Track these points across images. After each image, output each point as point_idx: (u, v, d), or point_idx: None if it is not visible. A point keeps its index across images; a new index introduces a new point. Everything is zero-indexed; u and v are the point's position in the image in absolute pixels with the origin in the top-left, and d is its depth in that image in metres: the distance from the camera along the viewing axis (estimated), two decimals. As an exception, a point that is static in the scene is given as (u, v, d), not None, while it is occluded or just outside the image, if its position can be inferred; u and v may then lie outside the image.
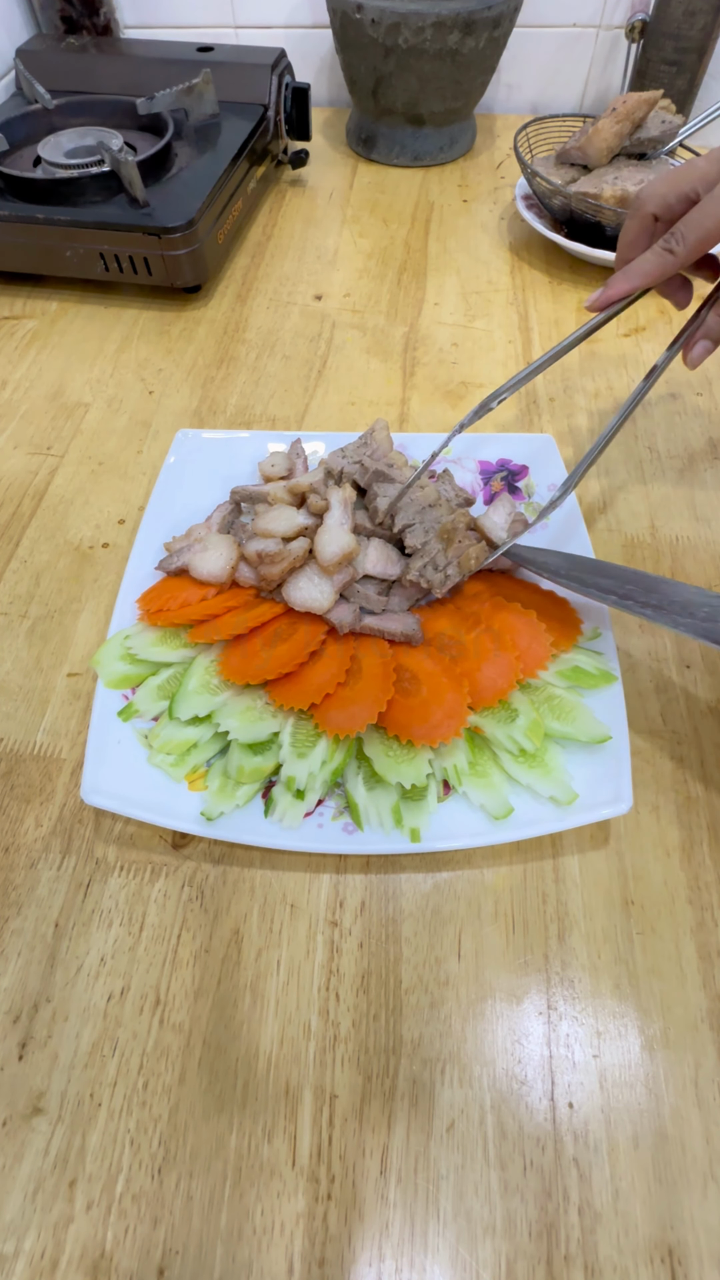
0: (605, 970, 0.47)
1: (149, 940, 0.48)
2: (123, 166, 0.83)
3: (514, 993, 0.46)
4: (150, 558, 0.62)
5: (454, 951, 0.47)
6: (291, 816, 0.50)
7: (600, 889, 0.50)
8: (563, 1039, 0.45)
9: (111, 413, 0.79)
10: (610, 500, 0.71)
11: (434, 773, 0.51)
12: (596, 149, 0.91)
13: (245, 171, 0.96)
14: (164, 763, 0.52)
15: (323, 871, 0.51)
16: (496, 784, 0.51)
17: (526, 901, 0.49)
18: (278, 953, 0.47)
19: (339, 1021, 0.45)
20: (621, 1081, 0.43)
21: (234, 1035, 0.45)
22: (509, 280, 0.95)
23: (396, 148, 1.14)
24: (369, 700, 0.52)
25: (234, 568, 0.59)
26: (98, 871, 0.50)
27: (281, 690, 0.53)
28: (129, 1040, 0.45)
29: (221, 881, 0.50)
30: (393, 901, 0.49)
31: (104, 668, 0.55)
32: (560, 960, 0.47)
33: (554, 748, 0.53)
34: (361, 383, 0.82)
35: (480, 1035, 0.45)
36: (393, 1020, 0.45)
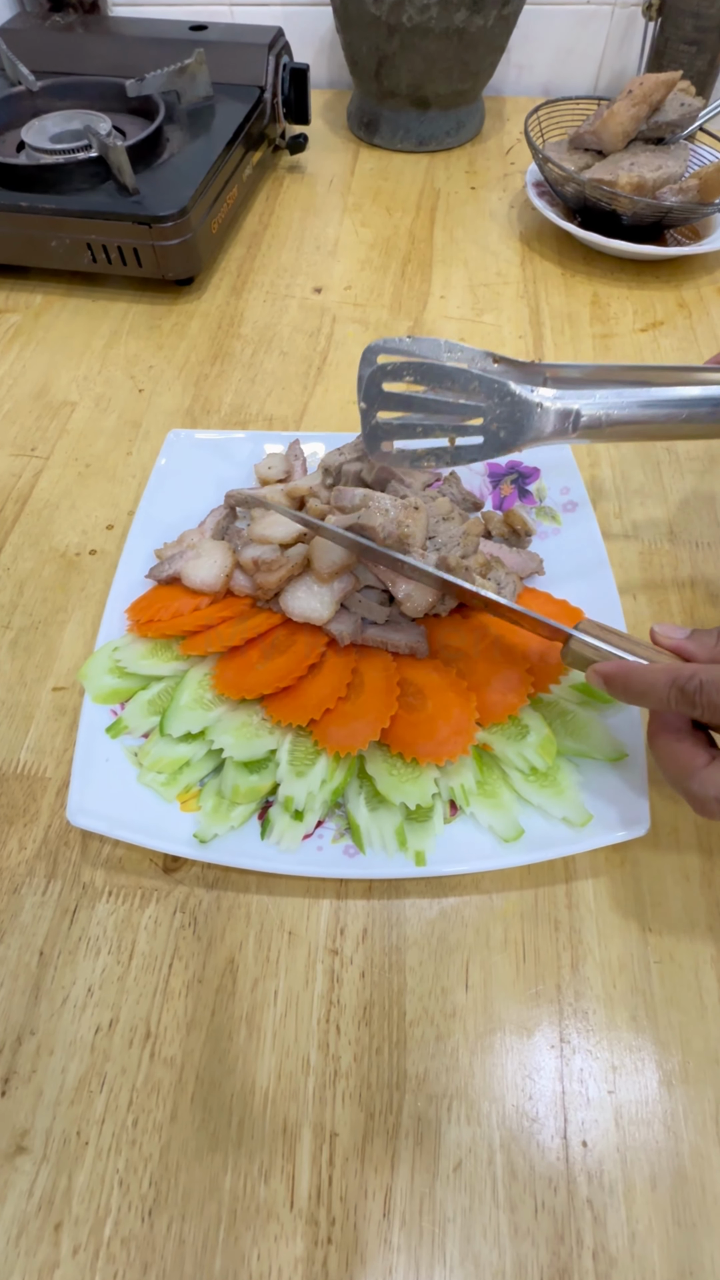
0: (621, 1001, 0.47)
1: (139, 970, 0.49)
2: (111, 152, 0.84)
3: (524, 1025, 0.47)
4: (140, 565, 0.63)
5: (461, 981, 0.48)
6: (289, 839, 0.50)
7: (616, 915, 0.50)
8: (576, 1074, 0.45)
9: (99, 412, 0.80)
10: (627, 504, 0.72)
11: (440, 792, 0.52)
12: (612, 133, 0.93)
13: (241, 157, 0.98)
14: (155, 782, 0.53)
15: (322, 897, 0.51)
16: (506, 804, 0.52)
17: (538, 928, 0.50)
18: (275, 983, 0.48)
19: (339, 1055, 0.46)
20: (638, 1119, 0.44)
21: (229, 1070, 0.45)
22: (519, 272, 0.96)
23: (400, 132, 1.15)
24: (371, 716, 0.53)
25: (229, 576, 0.60)
26: (85, 897, 0.51)
27: (279, 705, 0.54)
28: (118, 1075, 0.45)
29: (215, 907, 0.51)
30: (396, 928, 0.50)
31: (91, 681, 0.56)
32: (573, 990, 0.48)
33: (567, 766, 0.53)
34: (363, 380, 0.83)
35: (489, 1070, 0.45)
36: (396, 1054, 0.46)
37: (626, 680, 0.46)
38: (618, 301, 0.92)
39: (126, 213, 0.84)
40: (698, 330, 0.88)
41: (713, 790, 0.43)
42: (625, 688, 0.46)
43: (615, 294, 0.93)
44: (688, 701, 0.43)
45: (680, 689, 0.43)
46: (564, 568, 0.63)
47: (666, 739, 0.45)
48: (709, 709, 0.43)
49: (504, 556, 0.62)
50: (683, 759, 0.44)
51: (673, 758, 0.45)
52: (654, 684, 0.45)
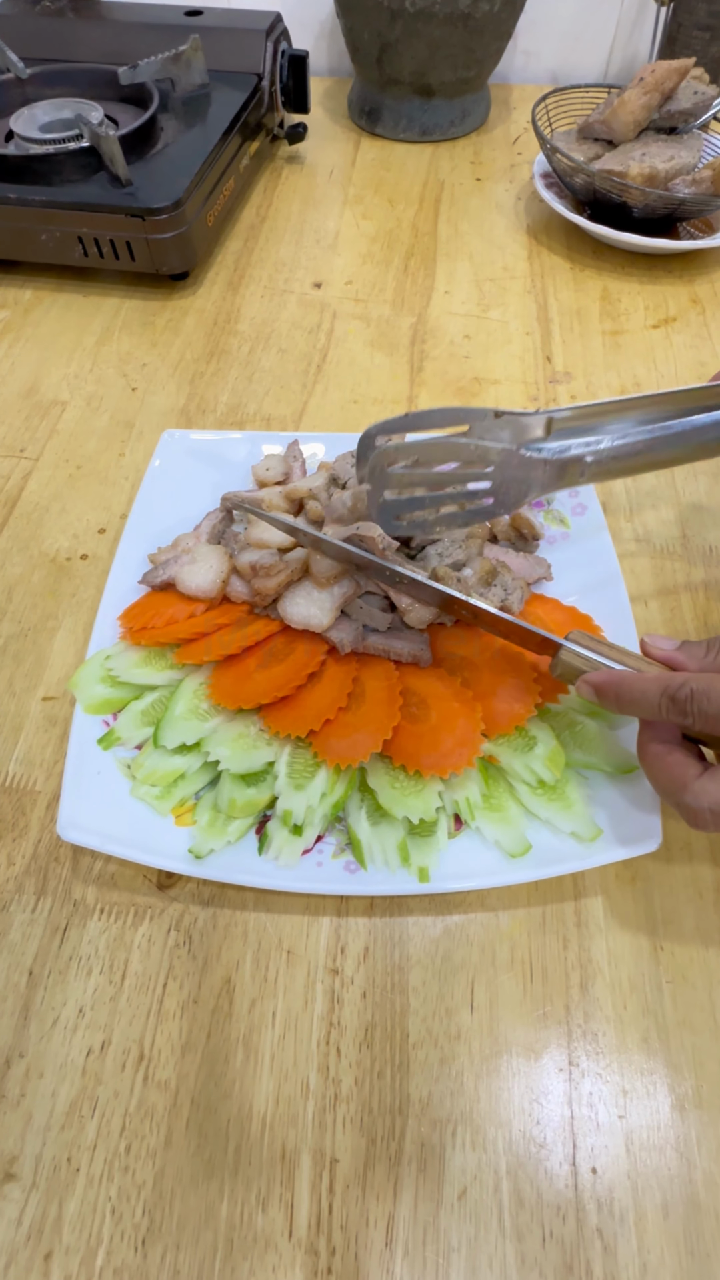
0: (632, 1023, 0.48)
1: (132, 990, 0.49)
2: (103, 141, 0.85)
3: (532, 1047, 0.47)
4: (133, 570, 0.63)
5: (466, 1002, 0.48)
6: (288, 854, 0.51)
7: (627, 934, 0.51)
8: (585, 1098, 0.46)
9: (91, 411, 0.81)
10: (637, 508, 0.72)
11: (444, 806, 0.53)
12: (622, 122, 0.93)
13: (237, 147, 0.99)
14: (148, 795, 0.53)
15: (322, 914, 0.52)
16: (513, 818, 0.52)
17: (546, 947, 0.50)
18: (273, 1003, 0.49)
19: (340, 1079, 0.46)
20: (650, 1145, 0.44)
21: (225, 1094, 0.46)
22: (526, 266, 0.97)
23: (403, 121, 1.16)
24: (373, 726, 0.53)
25: (225, 581, 0.60)
26: (76, 914, 0.52)
27: (277, 716, 0.54)
28: (110, 1099, 0.46)
29: (211, 925, 0.51)
30: (399, 947, 0.50)
31: (82, 691, 0.57)
32: (583, 1012, 0.48)
33: (576, 779, 0.54)
34: (365, 379, 0.84)
35: (495, 1094, 0.46)
36: (399, 1077, 0.46)
37: (618, 689, 0.47)
38: (628, 297, 0.92)
39: (119, 205, 0.85)
40: (711, 327, 0.89)
41: (707, 801, 0.43)
42: (617, 697, 0.47)
43: (626, 289, 0.93)
44: (679, 710, 0.44)
45: (671, 697, 0.44)
46: (573, 573, 0.64)
47: (657, 750, 0.46)
48: (700, 717, 0.43)
49: (511, 562, 0.62)
50: (675, 771, 0.45)
51: (664, 770, 0.46)
52: (645, 692, 0.45)
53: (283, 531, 0.59)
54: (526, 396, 0.81)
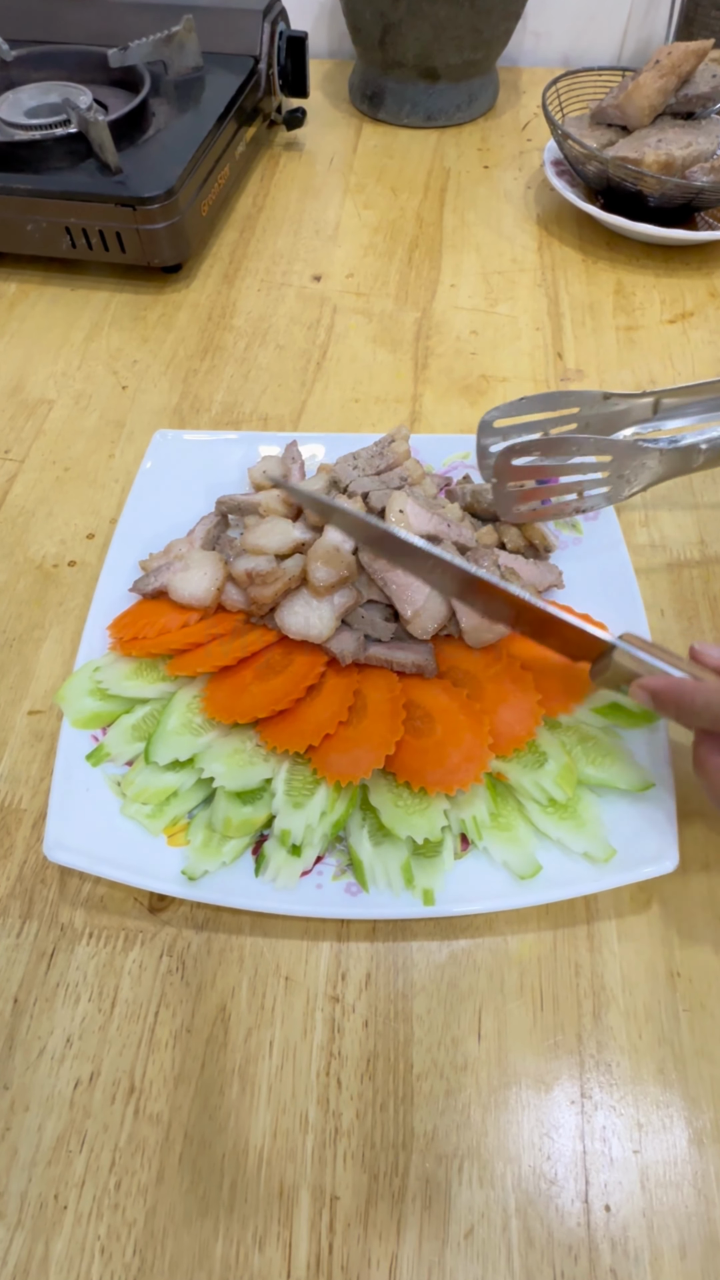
0: (647, 1053, 0.48)
1: (122, 1018, 0.49)
2: (92, 127, 0.86)
3: (542, 1079, 0.48)
4: (124, 578, 0.64)
5: (473, 1031, 0.49)
6: (286, 875, 0.51)
7: (642, 959, 0.51)
8: (598, 1132, 0.46)
9: (79, 411, 0.82)
10: (653, 513, 0.73)
11: (450, 825, 0.53)
12: (637, 107, 0.94)
13: (233, 133, 1.00)
14: (139, 814, 0.54)
15: (322, 939, 0.52)
16: (522, 838, 0.53)
17: (557, 973, 0.51)
18: (270, 1032, 0.49)
19: (341, 1112, 0.47)
20: (666, 1181, 0.45)
21: (220, 1127, 0.46)
22: (536, 258, 0.98)
23: (407, 106, 1.17)
24: (375, 741, 0.53)
25: (220, 589, 0.61)
26: (63, 939, 0.52)
27: (275, 730, 0.55)
28: (99, 1133, 0.46)
29: (205, 950, 0.52)
30: (403, 973, 0.51)
31: (70, 704, 0.57)
32: (596, 1041, 0.49)
33: (588, 797, 0.54)
34: (366, 376, 0.85)
35: (503, 1127, 0.46)
36: (403, 1110, 0.47)
37: (679, 697, 0.47)
38: (644, 290, 0.93)
39: (109, 194, 0.85)
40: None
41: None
42: (677, 705, 0.47)
43: (641, 282, 0.94)
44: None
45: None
46: (585, 581, 0.64)
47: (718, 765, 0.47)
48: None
49: (520, 568, 0.63)
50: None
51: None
52: (710, 703, 0.46)
53: (312, 510, 0.61)
54: (538, 393, 0.82)
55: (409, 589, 0.58)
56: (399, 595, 0.58)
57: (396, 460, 0.66)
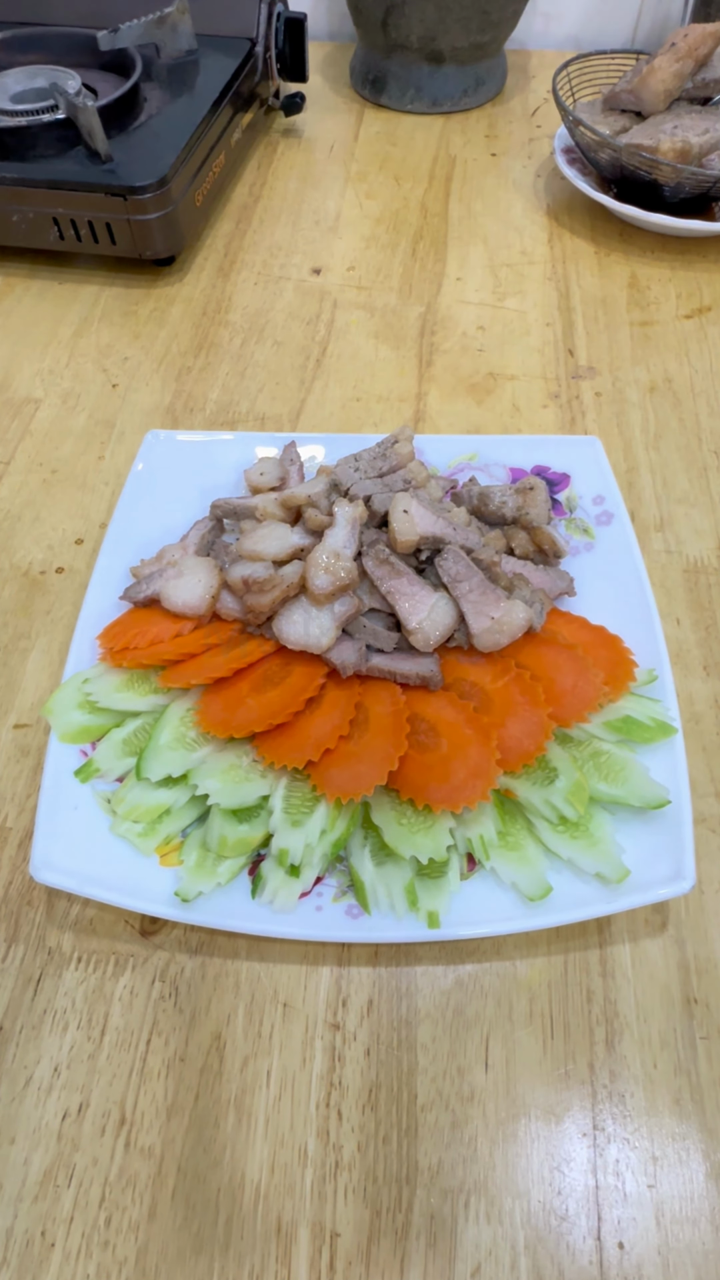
0: (663, 1083, 0.49)
1: (112, 1047, 0.50)
2: (81, 113, 0.86)
3: (553, 1110, 0.48)
4: (114, 585, 0.64)
5: (480, 1060, 0.49)
6: (284, 897, 0.51)
7: (657, 984, 0.52)
8: (611, 1166, 0.46)
9: (67, 410, 0.82)
10: (669, 516, 0.73)
11: (456, 844, 0.53)
12: (652, 92, 0.95)
13: (228, 120, 1.00)
14: (130, 832, 0.54)
15: (322, 964, 0.53)
16: (532, 858, 0.53)
17: (568, 1000, 0.51)
18: (268, 1061, 0.49)
19: (341, 1144, 0.47)
20: (683, 1217, 0.45)
21: (215, 1161, 0.46)
22: (546, 250, 0.99)
23: (411, 91, 1.18)
24: (377, 757, 0.54)
25: (214, 597, 0.61)
26: (51, 964, 0.52)
27: (272, 745, 0.55)
28: (88, 1167, 0.46)
29: (200, 976, 0.52)
30: (406, 1000, 0.51)
31: (58, 718, 0.58)
32: (609, 1071, 0.49)
33: (601, 814, 0.55)
34: (368, 374, 0.85)
35: (512, 1161, 0.46)
36: (406, 1143, 0.47)
37: None
38: (659, 284, 0.94)
39: (98, 183, 0.86)
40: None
41: None
42: None
43: (656, 276, 0.95)
44: None
45: None
46: (598, 588, 0.65)
47: None
48: None
49: (529, 575, 0.63)
50: None
51: None
52: None
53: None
54: (547, 393, 0.83)
55: (413, 598, 0.58)
56: (403, 604, 0.58)
57: (400, 462, 0.67)
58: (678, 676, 0.63)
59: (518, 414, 0.81)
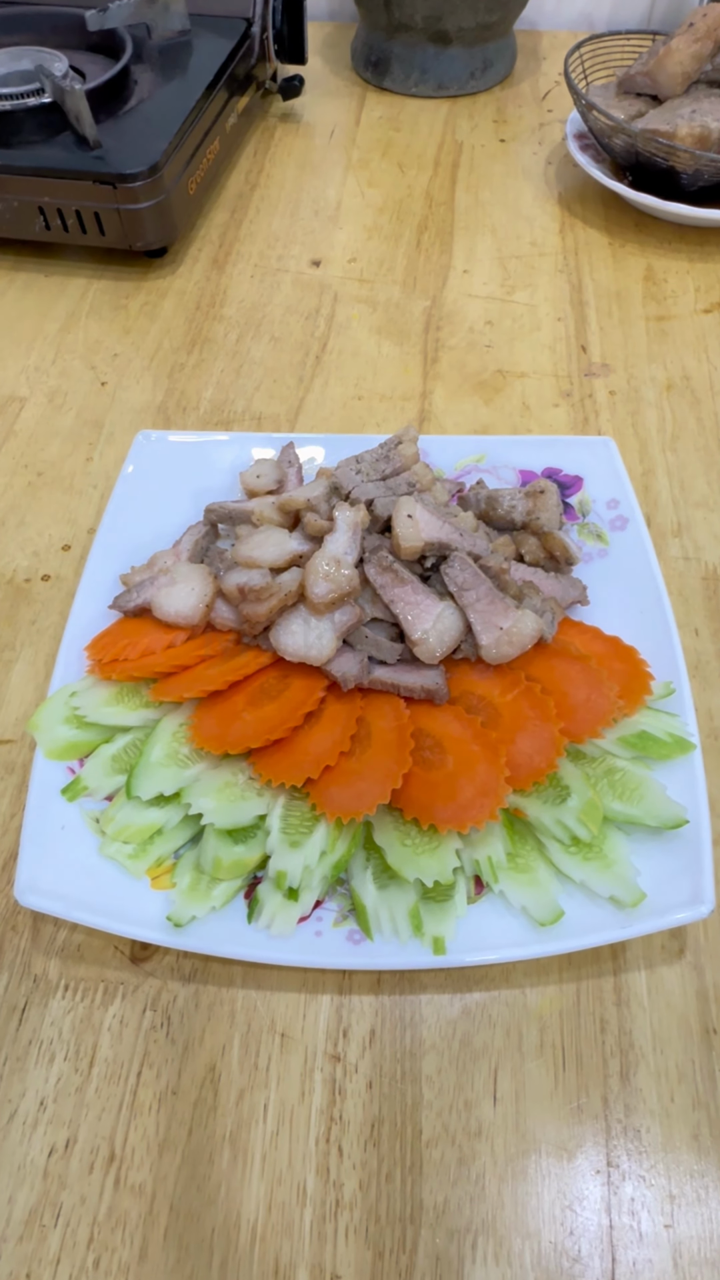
0: (680, 1117, 0.49)
1: (101, 1079, 0.50)
2: (68, 97, 0.87)
3: (564, 1146, 0.48)
4: (103, 593, 0.65)
5: (488, 1093, 0.49)
6: (282, 922, 0.52)
7: (674, 1013, 0.52)
8: (626, 1204, 0.46)
9: (54, 409, 0.83)
10: (687, 520, 0.74)
11: (463, 866, 0.54)
12: (669, 75, 0.95)
13: (223, 104, 1.01)
14: (120, 854, 0.54)
15: (322, 992, 0.53)
16: (542, 881, 0.53)
17: (580, 1030, 0.51)
18: (265, 1095, 0.50)
19: (342, 1182, 0.47)
20: (701, 1258, 0.45)
21: (209, 1199, 0.47)
22: (558, 241, 0.99)
23: (415, 73, 1.19)
24: (380, 774, 0.54)
25: (209, 606, 0.62)
26: (36, 992, 0.53)
27: (269, 762, 0.56)
28: (75, 1206, 0.46)
29: (193, 1005, 0.52)
30: (410, 1030, 0.51)
31: (44, 733, 0.58)
32: (623, 1104, 0.49)
33: (615, 835, 0.55)
34: (371, 371, 0.86)
35: (521, 1199, 0.47)
36: (410, 1180, 0.47)
37: None
38: (676, 277, 0.95)
39: (86, 170, 0.87)
40: (773, 311, 0.91)
41: None
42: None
43: (673, 268, 0.96)
44: None
45: None
46: (611, 596, 0.65)
47: None
48: None
49: (539, 583, 0.63)
50: None
51: None
52: None
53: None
54: (558, 392, 0.83)
55: (418, 607, 0.58)
56: (407, 614, 0.58)
57: (404, 464, 0.67)
58: (696, 690, 0.64)
59: (528, 413, 0.82)
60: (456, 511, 0.66)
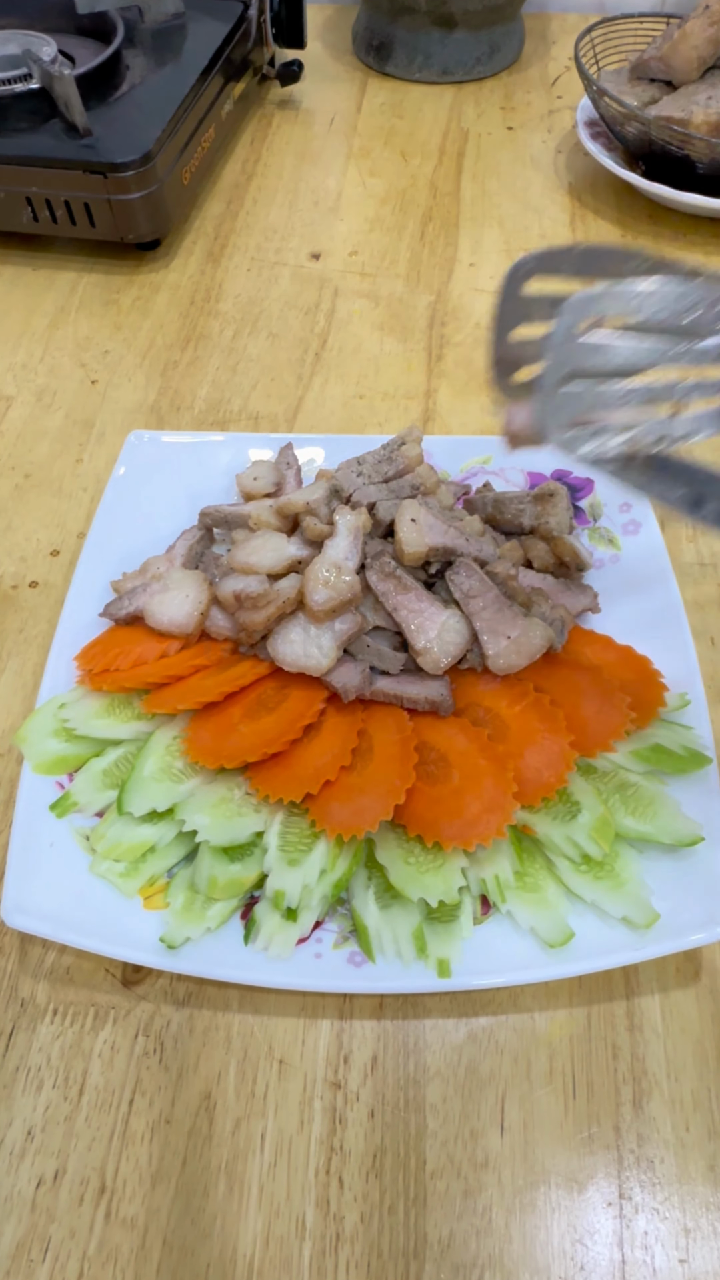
0: (696, 1147, 0.49)
1: (91, 1108, 0.50)
2: (57, 82, 0.88)
3: (575, 1177, 0.48)
4: (93, 601, 0.65)
5: (495, 1122, 0.50)
6: (280, 943, 0.52)
7: (689, 1039, 0.52)
8: (639, 1239, 0.47)
9: (42, 409, 0.83)
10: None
11: (469, 886, 0.54)
12: (684, 59, 0.96)
13: (219, 90, 1.02)
14: (111, 872, 0.55)
15: (322, 1016, 0.53)
16: (552, 901, 0.53)
17: (591, 1056, 0.52)
18: (262, 1124, 0.50)
19: (343, 1215, 0.47)
20: (718, 1295, 0.45)
21: (204, 1233, 0.47)
22: (568, 233, 1.00)
23: (419, 58, 1.20)
24: (382, 789, 0.54)
25: (204, 614, 0.62)
26: (24, 1016, 0.53)
27: (267, 776, 0.56)
28: (65, 1239, 0.47)
29: (187, 1030, 0.53)
30: (414, 1056, 0.52)
31: (32, 747, 0.58)
32: (636, 1134, 0.49)
33: (628, 853, 0.55)
34: (372, 369, 0.87)
35: (530, 1233, 0.47)
36: (414, 1213, 0.47)
37: None
38: (692, 270, 0.94)
39: (76, 159, 0.87)
40: None
41: None
42: None
43: (688, 260, 0.95)
44: None
45: None
46: (624, 604, 0.65)
47: None
48: None
49: (549, 589, 0.64)
50: None
51: None
52: None
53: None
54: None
55: (422, 615, 0.59)
56: (410, 622, 0.59)
57: (407, 465, 0.67)
58: (712, 701, 0.63)
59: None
60: (462, 515, 0.66)
